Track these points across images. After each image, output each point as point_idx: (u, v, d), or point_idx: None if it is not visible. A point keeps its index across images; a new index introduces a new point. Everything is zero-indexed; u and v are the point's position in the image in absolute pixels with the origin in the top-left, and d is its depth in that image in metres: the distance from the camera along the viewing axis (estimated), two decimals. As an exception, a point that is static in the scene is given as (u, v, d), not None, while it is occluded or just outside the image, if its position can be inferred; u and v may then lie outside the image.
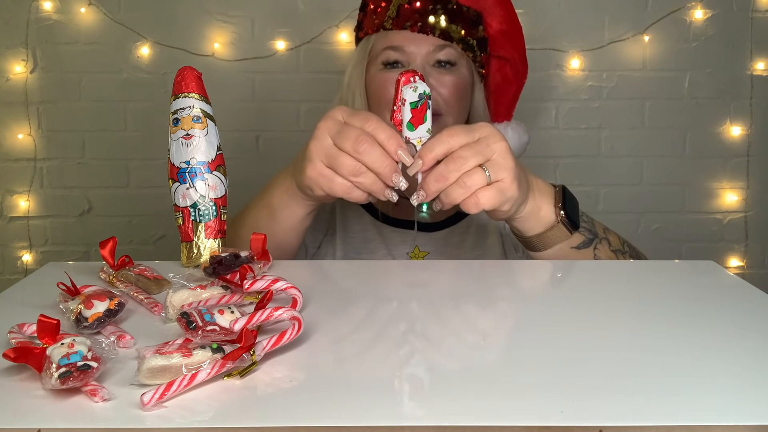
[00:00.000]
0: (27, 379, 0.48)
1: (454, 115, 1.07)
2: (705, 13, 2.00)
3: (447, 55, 1.07)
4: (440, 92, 1.06)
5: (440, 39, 1.06)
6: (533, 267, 0.81)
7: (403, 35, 1.07)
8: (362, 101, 1.11)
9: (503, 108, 1.18)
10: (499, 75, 1.16)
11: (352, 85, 1.12)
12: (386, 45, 1.08)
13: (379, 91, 1.08)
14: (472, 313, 0.64)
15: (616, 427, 0.41)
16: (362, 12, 1.16)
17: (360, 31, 1.15)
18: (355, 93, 1.12)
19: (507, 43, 1.13)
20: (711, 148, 2.07)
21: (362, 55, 1.12)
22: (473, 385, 0.47)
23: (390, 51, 1.07)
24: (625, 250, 0.93)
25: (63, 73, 2.02)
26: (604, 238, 0.91)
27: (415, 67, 1.06)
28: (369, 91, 1.11)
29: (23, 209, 2.08)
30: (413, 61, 1.06)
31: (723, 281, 0.73)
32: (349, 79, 1.14)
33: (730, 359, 0.51)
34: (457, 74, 1.08)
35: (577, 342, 0.55)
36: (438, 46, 1.06)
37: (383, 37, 1.09)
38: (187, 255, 0.78)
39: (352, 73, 1.13)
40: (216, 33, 2.01)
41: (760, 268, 2.13)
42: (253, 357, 0.49)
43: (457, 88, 1.07)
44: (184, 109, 0.77)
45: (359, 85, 1.11)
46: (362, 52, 1.12)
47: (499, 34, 1.13)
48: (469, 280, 0.73)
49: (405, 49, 1.07)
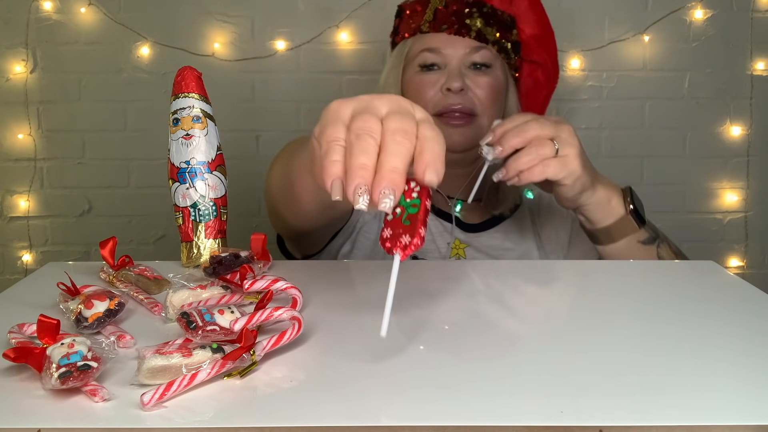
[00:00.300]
0: (27, 379, 0.48)
1: (489, 116, 1.09)
2: (705, 13, 2.00)
3: (483, 57, 1.09)
4: (476, 93, 1.08)
5: (476, 41, 1.08)
6: (533, 267, 0.81)
7: (440, 38, 1.09)
8: None
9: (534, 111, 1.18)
10: (530, 79, 1.19)
11: (388, 88, 1.14)
12: (423, 47, 1.10)
13: (416, 94, 1.10)
14: (471, 314, 0.64)
15: (616, 427, 0.41)
16: (398, 18, 1.18)
17: (396, 36, 1.17)
18: None
19: (539, 48, 1.16)
20: (711, 148, 2.07)
21: (398, 59, 1.14)
22: (473, 385, 0.47)
23: (427, 53, 1.10)
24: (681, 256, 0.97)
25: (63, 73, 2.02)
26: (665, 239, 0.95)
27: (451, 69, 1.08)
28: (405, 94, 1.13)
29: (23, 209, 2.08)
30: (449, 62, 1.08)
31: (723, 281, 0.73)
32: (384, 81, 1.16)
33: (730, 359, 0.51)
34: (492, 76, 1.10)
35: (577, 342, 0.55)
36: (474, 48, 1.08)
37: (420, 40, 1.12)
38: (187, 255, 0.78)
39: (388, 76, 1.15)
40: (216, 33, 2.01)
41: (760, 268, 2.13)
42: (253, 357, 0.49)
43: (492, 90, 1.09)
44: (184, 109, 0.77)
45: (395, 88, 1.13)
46: (398, 56, 1.14)
47: (532, 38, 1.15)
48: (469, 281, 0.73)
49: (442, 51, 1.09)
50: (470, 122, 1.08)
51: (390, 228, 0.48)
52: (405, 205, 0.48)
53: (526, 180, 0.83)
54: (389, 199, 0.46)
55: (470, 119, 1.08)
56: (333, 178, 0.49)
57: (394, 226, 0.47)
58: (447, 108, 1.07)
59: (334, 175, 0.49)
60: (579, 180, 0.85)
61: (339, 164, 0.49)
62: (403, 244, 0.47)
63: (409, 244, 0.46)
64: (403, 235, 0.47)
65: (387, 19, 1.98)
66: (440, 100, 1.08)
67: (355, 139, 0.49)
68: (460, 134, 1.08)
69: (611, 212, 0.91)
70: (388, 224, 0.48)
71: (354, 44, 2.01)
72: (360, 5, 1.99)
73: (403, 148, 0.48)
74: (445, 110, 1.07)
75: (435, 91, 1.09)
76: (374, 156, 0.48)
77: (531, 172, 0.83)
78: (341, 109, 0.52)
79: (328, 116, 0.53)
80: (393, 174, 0.47)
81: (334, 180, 0.49)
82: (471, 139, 1.08)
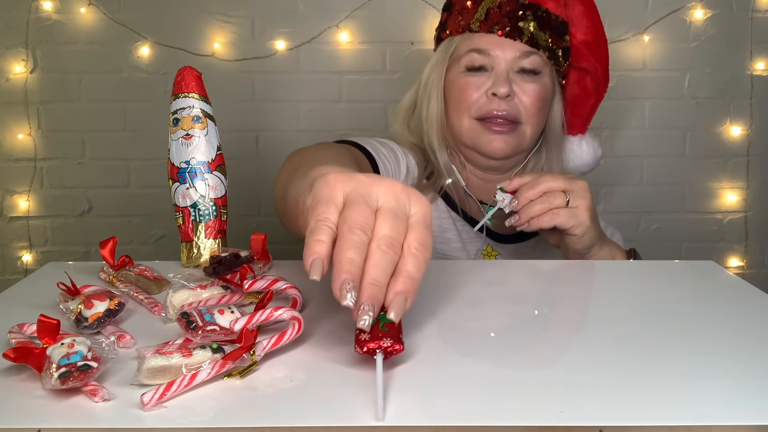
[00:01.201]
0: (27, 379, 0.48)
1: (533, 124, 1.06)
2: (705, 13, 2.00)
3: (533, 63, 1.05)
4: (522, 100, 1.05)
5: (527, 45, 1.05)
6: (533, 267, 0.81)
7: (490, 39, 1.06)
8: (438, 103, 1.10)
9: (579, 120, 1.17)
10: (577, 86, 1.15)
11: (430, 86, 1.11)
12: (471, 47, 1.06)
13: (459, 96, 1.07)
14: (471, 314, 0.64)
15: (616, 427, 0.41)
16: (446, 12, 1.14)
17: (443, 31, 1.13)
18: (431, 94, 1.11)
19: (591, 55, 1.12)
20: (711, 148, 2.07)
21: (444, 56, 1.10)
22: (473, 385, 0.47)
23: (475, 54, 1.06)
24: None
25: (63, 73, 2.02)
26: None
27: (498, 73, 1.05)
28: (447, 94, 1.10)
29: (23, 209, 2.08)
30: (497, 65, 1.05)
31: (723, 281, 0.73)
32: (427, 79, 1.12)
33: (730, 359, 0.51)
34: (540, 83, 1.06)
35: (577, 342, 0.55)
36: (524, 52, 1.05)
37: (468, 39, 1.08)
38: (187, 255, 0.78)
39: (431, 74, 1.12)
40: (216, 33, 2.01)
41: (760, 268, 2.13)
42: (253, 357, 0.49)
43: (539, 98, 1.06)
44: (184, 109, 0.77)
45: (437, 87, 1.10)
46: (444, 53, 1.10)
47: (584, 45, 1.12)
48: (470, 281, 0.73)
49: (491, 53, 1.05)
50: (513, 129, 1.05)
51: (368, 333, 0.47)
52: (380, 317, 0.47)
53: (536, 226, 0.89)
54: (368, 316, 0.45)
55: (514, 126, 1.05)
56: (314, 257, 0.47)
57: (372, 332, 0.47)
58: (490, 113, 1.04)
59: (315, 254, 0.47)
60: (587, 232, 0.89)
61: (324, 245, 0.47)
62: (385, 347, 0.47)
63: (391, 347, 0.47)
64: (384, 338, 0.47)
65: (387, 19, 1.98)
66: (485, 104, 1.05)
67: (347, 231, 0.47)
68: (502, 141, 1.05)
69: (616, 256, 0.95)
70: (363, 331, 0.47)
71: (354, 44, 2.01)
72: (360, 5, 1.99)
73: (387, 259, 0.47)
74: (489, 115, 1.04)
75: (480, 95, 1.05)
76: (364, 252, 0.47)
77: (541, 219, 0.88)
78: (336, 189, 0.50)
79: (322, 192, 0.50)
80: (374, 288, 0.46)
81: (314, 259, 0.47)
82: (513, 146, 1.06)
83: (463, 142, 1.09)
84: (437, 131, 1.11)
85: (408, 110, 1.16)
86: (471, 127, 1.07)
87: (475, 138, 1.07)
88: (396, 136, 1.15)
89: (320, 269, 0.47)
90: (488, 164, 1.11)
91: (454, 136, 1.11)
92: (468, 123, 1.07)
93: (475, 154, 1.10)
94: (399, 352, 0.47)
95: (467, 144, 1.09)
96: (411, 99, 1.16)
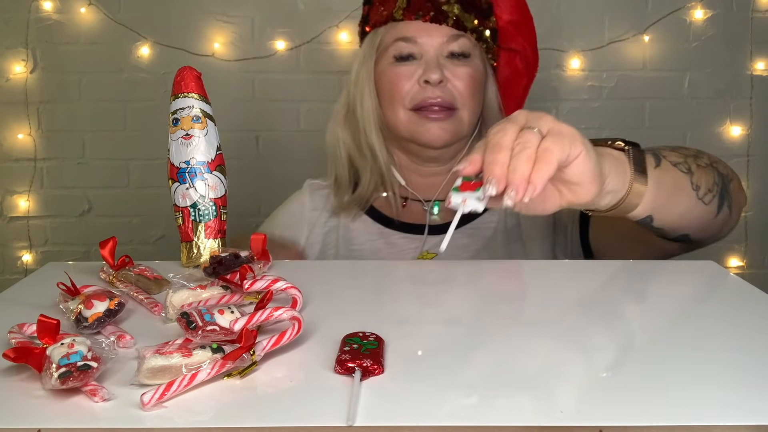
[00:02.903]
0: (27, 379, 0.48)
1: (469, 109, 1.04)
2: (705, 13, 2.00)
3: (461, 46, 1.03)
4: (455, 85, 1.03)
5: (453, 29, 1.03)
6: (532, 267, 0.81)
7: (415, 26, 1.03)
8: (372, 99, 1.08)
9: (513, 102, 1.14)
10: (508, 68, 1.12)
11: (361, 83, 1.08)
12: (397, 36, 1.04)
13: (391, 87, 1.04)
14: (471, 314, 0.64)
15: (616, 427, 0.41)
16: (367, 5, 1.11)
17: (366, 24, 1.10)
18: (363, 90, 1.08)
19: (518, 35, 1.10)
20: (711, 148, 2.05)
21: (370, 50, 1.07)
22: (473, 385, 0.47)
23: (401, 43, 1.03)
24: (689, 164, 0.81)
25: (63, 73, 2.02)
26: (660, 149, 0.80)
27: (428, 60, 1.02)
28: (380, 87, 1.07)
29: (23, 209, 2.08)
30: (426, 52, 1.03)
31: (723, 281, 0.73)
32: (356, 76, 1.09)
33: (730, 359, 0.51)
34: (471, 66, 1.04)
35: (577, 342, 0.55)
36: (452, 36, 1.03)
37: (393, 29, 1.05)
38: (187, 255, 0.78)
39: (359, 71, 1.09)
40: (216, 33, 2.01)
41: (760, 268, 2.13)
42: (253, 357, 0.49)
43: (472, 81, 1.04)
44: (184, 109, 0.77)
45: (368, 82, 1.07)
46: (370, 47, 1.08)
47: (510, 25, 1.09)
48: (470, 280, 0.73)
49: (417, 40, 1.03)
50: (450, 116, 1.03)
51: (349, 354, 0.49)
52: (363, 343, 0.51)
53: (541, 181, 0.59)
54: None
55: (450, 113, 1.03)
56: None
57: (353, 354, 0.49)
58: (425, 102, 1.02)
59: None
60: (585, 143, 0.64)
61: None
62: (364, 366, 0.48)
63: (370, 367, 0.48)
64: (365, 359, 0.48)
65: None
66: (418, 93, 1.02)
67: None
68: (440, 128, 1.02)
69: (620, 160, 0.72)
70: (346, 352, 0.49)
71: (354, 44, 2.01)
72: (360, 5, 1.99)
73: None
74: (424, 104, 1.02)
75: (411, 84, 1.03)
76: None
77: (539, 170, 0.59)
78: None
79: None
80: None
81: None
82: (451, 133, 1.04)
83: (400, 134, 1.06)
84: (375, 128, 1.08)
85: (344, 112, 1.12)
86: (407, 118, 1.04)
87: (413, 128, 1.04)
88: (329, 144, 1.12)
89: None
90: (428, 155, 1.08)
91: (391, 130, 1.08)
92: (403, 114, 1.04)
93: (414, 146, 1.07)
94: (379, 373, 0.48)
95: (405, 136, 1.06)
96: (344, 100, 1.12)
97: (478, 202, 0.60)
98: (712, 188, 0.81)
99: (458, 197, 0.61)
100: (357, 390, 0.45)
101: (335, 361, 0.49)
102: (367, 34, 1.10)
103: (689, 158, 0.82)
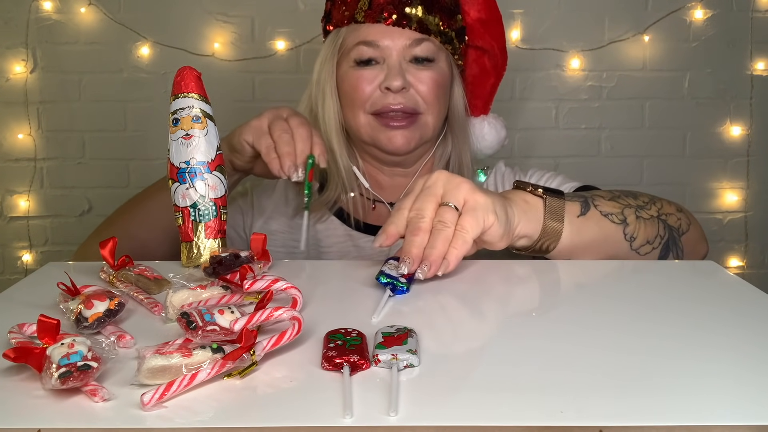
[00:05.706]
0: (27, 379, 0.48)
1: (433, 113, 1.02)
2: (705, 13, 2.00)
3: (425, 51, 1.00)
4: (419, 90, 1.00)
5: (417, 32, 0.99)
6: (532, 267, 0.81)
7: (377, 29, 1.00)
8: (334, 101, 1.05)
9: (480, 101, 1.12)
10: (476, 66, 1.10)
11: (322, 83, 1.05)
12: (358, 40, 1.01)
13: (352, 92, 1.01)
14: (471, 314, 0.64)
15: (616, 427, 0.41)
16: (329, 1, 1.07)
17: (328, 23, 1.06)
18: (325, 91, 1.05)
19: (486, 33, 1.07)
20: (711, 148, 2.07)
21: (332, 50, 1.04)
22: (473, 385, 0.47)
23: (363, 47, 1.00)
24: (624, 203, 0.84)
25: (63, 73, 2.02)
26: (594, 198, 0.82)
27: (390, 65, 0.99)
28: (341, 90, 1.04)
29: (23, 209, 2.08)
30: (388, 57, 1.00)
31: (723, 281, 0.73)
32: (318, 76, 1.06)
33: (730, 359, 0.51)
34: (435, 70, 1.01)
35: (577, 342, 0.55)
36: (415, 40, 1.00)
37: (354, 31, 1.02)
38: (187, 255, 0.78)
39: (321, 70, 1.06)
40: (216, 33, 2.01)
41: (760, 268, 2.13)
42: (253, 357, 0.49)
43: (436, 86, 1.01)
44: (184, 109, 0.77)
45: (330, 83, 1.04)
46: (332, 47, 1.04)
47: (478, 23, 1.07)
48: (469, 280, 0.73)
49: (379, 44, 1.00)
50: (413, 122, 1.01)
51: (335, 351, 0.50)
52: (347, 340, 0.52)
53: (455, 259, 0.67)
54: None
55: (413, 119, 1.00)
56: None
57: (339, 350, 0.50)
58: (386, 108, 0.99)
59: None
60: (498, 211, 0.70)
61: None
62: (352, 361, 0.49)
63: (358, 362, 0.49)
64: (352, 354, 0.49)
65: (387, 19, 1.95)
66: (379, 98, 1.00)
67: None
68: (402, 136, 1.00)
69: (533, 210, 0.76)
70: (332, 349, 0.50)
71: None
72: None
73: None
74: (385, 110, 0.99)
75: (373, 88, 1.00)
76: None
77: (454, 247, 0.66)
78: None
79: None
80: None
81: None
82: (415, 140, 1.01)
83: (362, 138, 1.04)
84: (336, 131, 1.05)
85: (307, 113, 1.08)
86: (368, 123, 1.02)
87: (373, 134, 1.02)
88: None
89: None
90: (392, 160, 1.06)
91: (353, 134, 1.06)
92: (364, 119, 1.02)
93: (377, 151, 1.05)
94: (366, 368, 0.49)
95: (366, 141, 1.04)
96: (306, 99, 1.09)
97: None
98: (652, 240, 0.83)
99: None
100: (349, 385, 0.45)
101: (322, 357, 0.49)
102: (329, 32, 1.06)
103: (629, 209, 0.83)
